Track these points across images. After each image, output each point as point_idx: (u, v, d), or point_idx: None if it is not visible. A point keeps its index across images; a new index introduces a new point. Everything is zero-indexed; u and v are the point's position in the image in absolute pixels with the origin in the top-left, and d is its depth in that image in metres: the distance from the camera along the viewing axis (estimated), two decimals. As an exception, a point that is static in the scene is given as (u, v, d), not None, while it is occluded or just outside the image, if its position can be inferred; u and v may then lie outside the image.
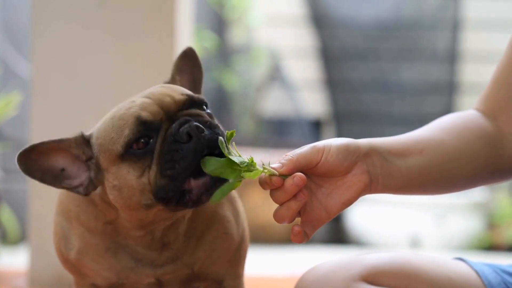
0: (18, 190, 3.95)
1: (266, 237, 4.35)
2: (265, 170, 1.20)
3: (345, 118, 4.92)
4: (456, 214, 4.41)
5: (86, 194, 1.26)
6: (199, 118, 1.23)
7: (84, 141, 1.26)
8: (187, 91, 1.27)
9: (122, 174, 1.22)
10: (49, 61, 2.78)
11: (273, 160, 1.24)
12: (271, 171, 1.21)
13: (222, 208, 1.36)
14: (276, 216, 1.23)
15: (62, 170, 1.26)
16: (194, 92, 1.31)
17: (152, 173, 1.21)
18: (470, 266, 1.42)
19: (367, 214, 4.47)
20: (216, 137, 1.21)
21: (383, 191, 1.29)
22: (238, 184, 1.21)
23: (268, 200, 1.91)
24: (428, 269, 1.37)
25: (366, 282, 1.33)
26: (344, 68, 4.92)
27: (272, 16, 4.97)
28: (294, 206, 1.21)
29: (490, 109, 1.41)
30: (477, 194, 4.51)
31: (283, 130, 4.96)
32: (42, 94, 2.78)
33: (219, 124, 1.25)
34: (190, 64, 1.35)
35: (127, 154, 1.22)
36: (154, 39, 2.76)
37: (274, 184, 1.21)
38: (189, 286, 1.37)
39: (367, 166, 1.26)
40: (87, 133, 1.27)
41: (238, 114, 4.91)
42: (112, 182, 1.23)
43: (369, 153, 1.27)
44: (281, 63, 4.92)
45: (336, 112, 4.94)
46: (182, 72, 1.35)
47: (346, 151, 1.24)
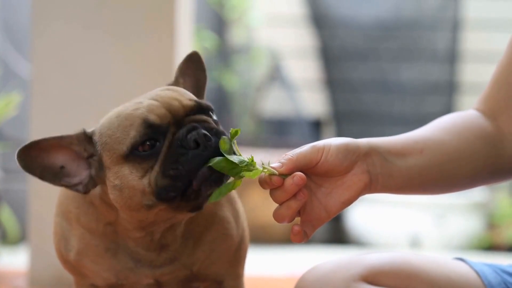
0: (18, 190, 3.95)
1: (266, 237, 4.34)
2: (265, 169, 1.20)
3: (345, 118, 4.92)
4: (456, 214, 4.40)
5: (85, 192, 1.26)
6: (206, 124, 1.23)
7: (86, 138, 1.25)
8: (194, 97, 1.27)
9: (124, 174, 1.22)
10: (49, 61, 2.78)
11: (273, 160, 1.25)
12: (271, 171, 1.21)
13: (221, 209, 1.36)
14: (276, 215, 1.23)
15: (62, 167, 1.25)
16: (197, 95, 1.31)
17: (153, 173, 1.21)
18: (470, 266, 1.42)
19: (367, 214, 4.47)
20: None
21: (383, 191, 1.29)
22: (238, 183, 1.21)
23: (268, 200, 1.91)
24: (428, 269, 1.37)
25: (366, 282, 1.33)
26: (344, 68, 4.91)
27: (272, 16, 4.97)
28: (294, 205, 1.21)
29: (490, 109, 1.41)
30: (477, 194, 4.51)
31: (283, 130, 4.96)
32: (42, 94, 2.78)
33: (224, 131, 1.25)
34: (194, 68, 1.34)
35: (132, 155, 1.22)
36: (154, 39, 2.76)
37: (274, 183, 1.21)
38: (188, 287, 1.37)
39: (367, 165, 1.26)
40: (89, 130, 1.26)
41: (238, 114, 4.91)
42: (113, 182, 1.23)
43: (369, 152, 1.27)
44: (281, 63, 4.92)
45: (336, 112, 4.93)
46: (186, 75, 1.34)
47: (346, 151, 1.24)
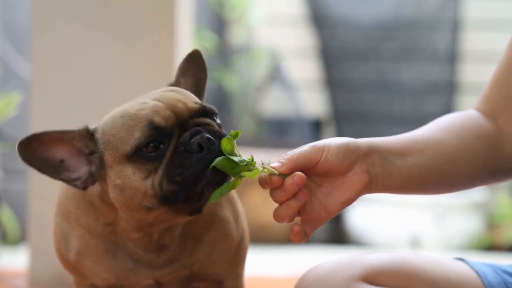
0: (18, 190, 3.95)
1: (266, 237, 4.34)
2: (264, 169, 1.20)
3: (345, 118, 4.92)
4: (456, 214, 4.40)
5: (84, 188, 1.26)
6: (209, 127, 1.23)
7: (88, 134, 1.25)
8: (199, 100, 1.27)
9: (127, 174, 1.22)
10: (49, 61, 2.78)
11: (273, 159, 1.24)
12: (271, 171, 1.20)
13: (221, 209, 1.36)
14: (276, 215, 1.23)
15: (62, 161, 1.25)
16: (197, 95, 1.31)
17: (157, 177, 1.21)
18: (470, 266, 1.42)
19: (367, 214, 4.47)
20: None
21: (383, 191, 1.29)
22: (238, 183, 1.21)
23: (268, 200, 1.90)
24: (428, 269, 1.37)
25: (366, 282, 1.33)
26: (344, 68, 4.91)
27: (272, 16, 4.97)
28: (294, 205, 1.21)
29: (490, 109, 1.41)
30: (477, 194, 4.51)
31: (283, 130, 4.96)
32: (42, 94, 2.78)
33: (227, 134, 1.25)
34: (195, 66, 1.34)
35: (135, 156, 1.22)
36: (154, 39, 2.76)
37: (274, 183, 1.21)
38: (188, 287, 1.36)
39: (367, 165, 1.26)
40: (92, 127, 1.26)
41: (238, 114, 4.91)
42: (114, 181, 1.23)
43: (369, 152, 1.27)
44: (281, 63, 4.92)
45: (336, 112, 4.93)
46: (187, 75, 1.34)
47: (346, 151, 1.24)
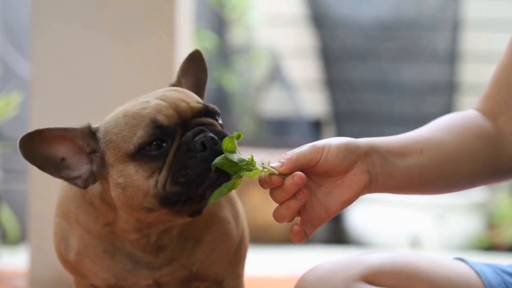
0: (18, 190, 3.95)
1: (266, 237, 4.34)
2: (264, 169, 1.20)
3: (345, 118, 4.92)
4: (456, 214, 4.40)
5: (84, 187, 1.25)
6: (212, 127, 1.23)
7: (90, 133, 1.25)
8: (201, 100, 1.28)
9: (130, 173, 1.22)
10: (49, 61, 2.78)
11: (273, 159, 1.24)
12: (271, 170, 1.20)
13: (221, 209, 1.36)
14: (275, 215, 1.23)
15: (63, 159, 1.24)
16: (197, 95, 1.31)
17: (161, 178, 1.21)
18: (470, 266, 1.42)
19: (367, 214, 4.47)
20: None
21: (383, 191, 1.29)
22: (238, 183, 1.21)
23: (268, 200, 1.91)
24: (428, 269, 1.37)
25: (366, 282, 1.33)
26: (344, 68, 4.91)
27: (272, 16, 4.97)
28: (293, 205, 1.21)
29: (490, 109, 1.41)
30: (477, 194, 4.51)
31: (283, 130, 4.96)
32: (42, 94, 2.78)
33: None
34: (196, 66, 1.34)
35: (138, 154, 1.21)
36: (154, 39, 2.76)
37: (274, 183, 1.21)
38: (188, 287, 1.36)
39: (367, 165, 1.26)
40: (94, 125, 1.26)
41: (238, 114, 4.91)
42: (117, 180, 1.23)
43: (369, 152, 1.27)
44: (281, 63, 4.92)
45: (336, 112, 4.93)
46: (187, 75, 1.34)
47: (346, 150, 1.24)
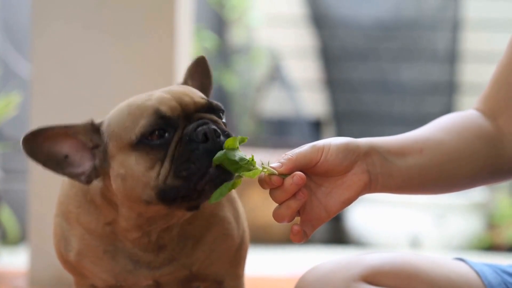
0: (18, 190, 3.95)
1: (266, 237, 4.34)
2: (264, 169, 1.20)
3: (345, 118, 4.92)
4: (456, 214, 4.40)
5: (87, 183, 1.25)
6: (216, 124, 1.23)
7: (93, 128, 1.25)
8: (205, 96, 1.28)
9: (130, 164, 1.22)
10: (49, 61, 2.78)
11: (273, 159, 1.24)
12: (271, 171, 1.20)
13: (222, 209, 1.35)
14: (275, 215, 1.23)
15: (66, 156, 1.24)
16: None
17: (164, 170, 1.20)
18: (470, 266, 1.42)
19: (367, 214, 4.47)
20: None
21: (383, 191, 1.29)
22: (238, 183, 1.21)
23: (268, 200, 1.91)
24: (428, 269, 1.37)
25: (366, 282, 1.33)
26: (344, 68, 4.91)
27: (272, 16, 4.97)
28: (293, 205, 1.21)
29: (490, 109, 1.41)
30: (477, 194, 4.51)
31: (283, 130, 4.96)
32: (42, 94, 2.78)
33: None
34: (201, 71, 1.35)
35: (140, 144, 1.21)
36: (154, 39, 2.76)
37: (274, 183, 1.21)
38: (188, 287, 1.36)
39: (367, 165, 1.26)
40: (97, 121, 1.26)
41: (238, 114, 4.91)
42: (117, 171, 1.23)
43: (368, 152, 1.27)
44: (281, 63, 4.92)
45: (336, 112, 4.93)
46: (194, 78, 1.35)
47: (346, 150, 1.24)
